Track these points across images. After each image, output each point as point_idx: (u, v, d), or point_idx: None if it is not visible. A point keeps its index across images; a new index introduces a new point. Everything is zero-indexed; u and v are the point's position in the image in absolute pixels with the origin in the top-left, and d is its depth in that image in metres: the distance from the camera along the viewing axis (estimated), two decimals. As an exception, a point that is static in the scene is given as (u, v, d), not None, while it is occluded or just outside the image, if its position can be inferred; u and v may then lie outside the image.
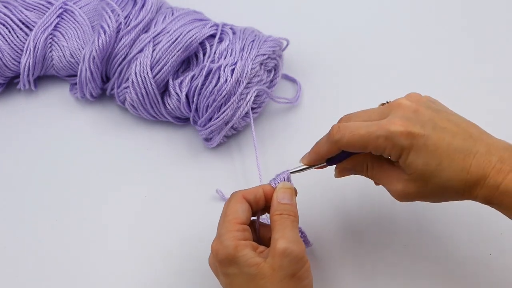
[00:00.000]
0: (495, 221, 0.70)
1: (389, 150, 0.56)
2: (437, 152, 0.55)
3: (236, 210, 0.58)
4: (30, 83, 0.80)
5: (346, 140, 0.57)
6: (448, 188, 0.55)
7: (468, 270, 0.67)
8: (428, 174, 0.55)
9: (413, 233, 0.69)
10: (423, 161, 0.55)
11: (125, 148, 0.78)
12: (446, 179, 0.55)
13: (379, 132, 0.56)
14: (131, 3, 0.78)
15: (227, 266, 0.56)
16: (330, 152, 0.60)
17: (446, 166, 0.55)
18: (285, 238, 0.56)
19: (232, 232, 0.57)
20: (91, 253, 0.70)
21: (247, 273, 0.55)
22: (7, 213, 0.73)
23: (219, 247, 0.57)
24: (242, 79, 0.72)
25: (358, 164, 0.61)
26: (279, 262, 0.55)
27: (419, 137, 0.55)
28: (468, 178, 0.54)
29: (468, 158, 0.54)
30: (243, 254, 0.56)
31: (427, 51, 0.84)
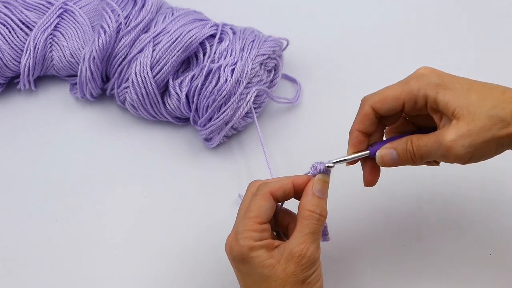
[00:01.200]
0: (495, 221, 0.70)
1: (423, 90, 0.54)
2: (474, 89, 0.53)
3: (259, 207, 0.56)
4: (30, 83, 0.80)
5: (378, 96, 0.56)
6: (496, 117, 0.52)
7: (468, 270, 0.67)
8: (472, 106, 0.52)
9: (413, 233, 0.69)
10: (463, 94, 0.53)
11: (125, 148, 0.78)
12: (491, 107, 0.52)
13: (408, 78, 0.55)
14: (131, 3, 0.78)
15: (239, 263, 0.55)
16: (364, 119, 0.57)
17: (486, 97, 0.53)
18: (306, 243, 0.54)
19: (250, 232, 0.55)
20: (91, 252, 0.70)
21: (260, 274, 0.54)
22: (7, 213, 0.73)
23: (233, 244, 0.55)
24: (242, 79, 0.72)
25: (401, 143, 0.56)
26: (293, 268, 0.54)
27: (450, 77, 0.54)
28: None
29: (508, 93, 0.53)
30: (257, 255, 0.54)
31: (427, 51, 0.84)
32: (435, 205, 0.71)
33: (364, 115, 0.57)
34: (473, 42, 0.85)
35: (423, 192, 0.72)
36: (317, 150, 0.76)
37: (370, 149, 0.58)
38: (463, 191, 0.72)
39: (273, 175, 0.68)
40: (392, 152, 0.57)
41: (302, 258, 0.54)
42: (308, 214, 0.55)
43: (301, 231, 0.55)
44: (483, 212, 0.70)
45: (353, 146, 0.58)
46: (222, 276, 0.68)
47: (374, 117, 0.57)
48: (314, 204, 0.56)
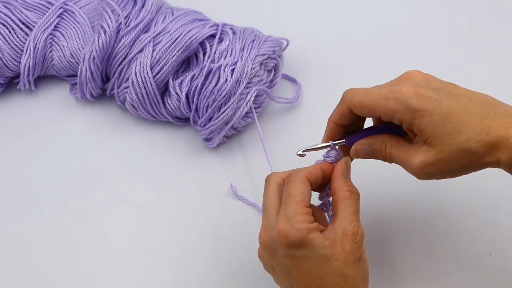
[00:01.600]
0: (495, 221, 0.70)
1: (400, 114, 0.54)
2: (452, 115, 0.53)
3: (302, 192, 0.56)
4: (30, 83, 0.80)
5: (357, 99, 0.57)
6: (468, 151, 0.52)
7: (468, 270, 0.67)
8: (445, 137, 0.53)
9: (412, 233, 0.69)
10: (439, 124, 0.53)
11: (125, 148, 0.78)
12: (465, 140, 0.52)
13: (390, 95, 0.55)
14: (131, 3, 0.78)
15: (296, 248, 0.54)
16: (341, 115, 0.59)
17: (463, 128, 0.52)
18: (355, 220, 0.56)
19: (303, 216, 0.55)
20: (91, 252, 0.70)
21: (320, 255, 0.54)
22: (7, 213, 0.73)
23: (290, 229, 0.54)
24: (242, 79, 0.72)
25: (376, 142, 0.58)
26: (350, 245, 0.55)
27: (432, 100, 0.53)
28: (488, 139, 0.52)
29: (486, 120, 0.52)
30: (316, 237, 0.54)
31: (428, 51, 0.84)
32: (435, 205, 0.71)
33: (342, 112, 0.59)
34: (473, 42, 0.85)
35: (423, 192, 0.72)
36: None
37: (346, 139, 0.60)
38: (463, 191, 0.72)
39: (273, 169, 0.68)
40: (367, 149, 0.59)
41: (356, 235, 0.55)
42: (348, 194, 0.57)
43: (347, 211, 0.56)
44: (483, 212, 0.70)
45: (327, 137, 0.61)
46: (222, 276, 0.68)
47: (351, 115, 0.59)
48: (350, 184, 0.58)
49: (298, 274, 0.55)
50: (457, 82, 0.81)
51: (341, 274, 0.54)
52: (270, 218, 0.57)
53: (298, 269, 0.55)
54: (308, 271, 0.55)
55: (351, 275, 0.55)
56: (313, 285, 0.55)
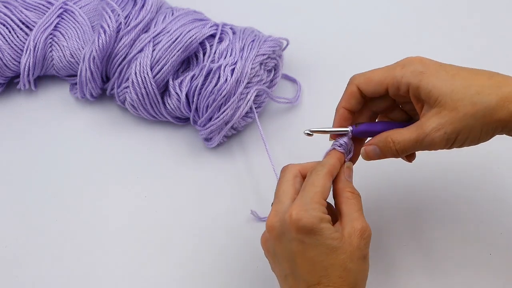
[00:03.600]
0: (495, 221, 0.70)
1: (406, 78, 0.54)
2: (459, 75, 0.53)
3: (323, 185, 0.56)
4: (30, 83, 0.80)
5: (364, 76, 0.58)
6: (480, 104, 0.52)
7: (468, 270, 0.67)
8: (455, 93, 0.52)
9: (412, 233, 0.69)
10: (447, 81, 0.53)
11: (125, 148, 0.78)
12: (475, 92, 0.52)
13: (394, 65, 0.56)
14: (131, 3, 0.78)
15: (306, 234, 0.54)
16: (350, 97, 0.59)
17: (472, 83, 0.52)
18: (362, 218, 0.56)
19: (318, 204, 0.55)
20: (91, 252, 0.70)
21: (328, 246, 0.54)
22: (7, 213, 0.73)
23: (303, 214, 0.54)
24: (242, 79, 0.72)
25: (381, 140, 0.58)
26: (357, 242, 0.55)
27: (436, 65, 0.54)
28: (499, 92, 0.52)
29: (495, 77, 0.53)
30: (327, 227, 0.54)
31: (428, 51, 0.84)
32: (435, 205, 0.71)
33: (350, 93, 0.59)
34: (473, 41, 0.85)
35: (423, 192, 0.72)
36: (316, 149, 0.76)
37: (354, 127, 0.60)
38: (463, 191, 0.72)
39: (276, 172, 0.68)
40: (375, 148, 0.58)
41: (364, 231, 0.55)
42: (350, 195, 0.57)
43: (352, 209, 0.57)
44: (483, 212, 0.70)
45: (337, 122, 0.61)
46: (222, 275, 0.68)
47: (359, 96, 0.59)
48: (351, 186, 0.59)
49: (302, 261, 0.55)
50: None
51: (345, 267, 0.54)
52: (283, 205, 0.56)
53: (304, 256, 0.54)
54: (313, 259, 0.54)
55: (354, 271, 0.55)
56: (316, 274, 0.54)
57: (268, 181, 0.70)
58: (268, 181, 0.70)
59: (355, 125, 0.60)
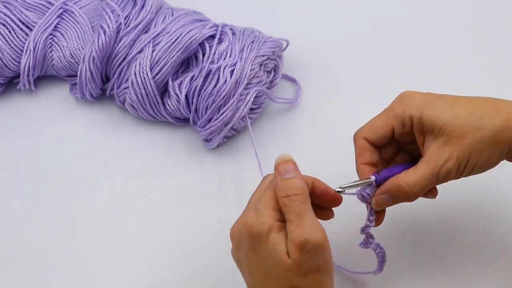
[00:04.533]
0: (495, 221, 0.70)
1: (408, 111, 0.54)
2: (459, 103, 0.53)
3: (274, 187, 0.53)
4: (30, 83, 0.80)
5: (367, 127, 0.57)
6: (485, 128, 0.52)
7: (468, 270, 0.67)
8: (459, 119, 0.53)
9: (412, 233, 0.69)
10: (447, 110, 0.53)
11: (125, 148, 0.78)
12: (478, 117, 0.52)
13: (392, 104, 0.56)
14: (131, 4, 0.78)
15: (257, 242, 0.51)
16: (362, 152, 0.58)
17: (473, 108, 0.53)
18: (300, 228, 0.50)
19: (271, 211, 0.52)
20: (91, 252, 0.70)
21: (273, 258, 0.51)
22: (7, 213, 0.74)
23: (254, 221, 0.51)
24: (241, 80, 0.72)
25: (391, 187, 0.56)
26: (300, 258, 0.50)
27: (432, 95, 0.54)
28: (502, 114, 0.52)
29: (492, 102, 0.53)
30: (274, 237, 0.51)
31: (428, 51, 0.84)
32: (434, 205, 0.71)
33: (360, 148, 0.58)
34: (473, 40, 0.85)
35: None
36: (316, 149, 0.76)
37: (376, 176, 0.58)
38: (463, 191, 0.72)
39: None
40: (387, 197, 0.57)
41: (304, 245, 0.50)
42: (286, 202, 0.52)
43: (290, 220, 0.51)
44: (483, 212, 0.70)
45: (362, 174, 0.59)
46: (222, 275, 0.68)
47: (370, 147, 0.58)
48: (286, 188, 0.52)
49: (258, 271, 0.52)
50: (459, 82, 0.81)
51: (291, 285, 0.51)
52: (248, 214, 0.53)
53: (258, 266, 0.52)
54: (266, 270, 0.52)
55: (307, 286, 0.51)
56: (269, 285, 0.52)
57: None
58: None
59: (376, 173, 0.59)
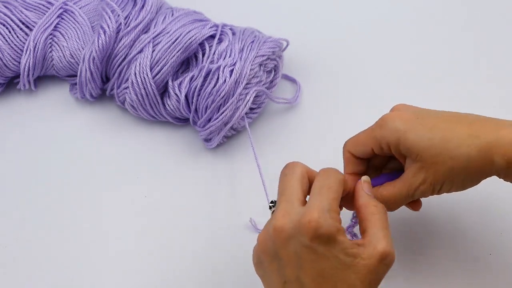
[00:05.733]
0: (495, 221, 0.70)
1: (386, 138, 0.55)
2: (437, 127, 0.53)
3: (339, 190, 0.54)
4: (30, 83, 0.80)
5: (351, 141, 0.59)
6: (462, 157, 0.52)
7: (468, 270, 0.67)
8: (434, 148, 0.53)
9: (412, 233, 0.69)
10: (425, 137, 0.53)
11: (125, 148, 0.78)
12: (455, 146, 0.52)
13: (374, 126, 0.57)
14: (131, 4, 0.78)
15: (321, 243, 0.50)
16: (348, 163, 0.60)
17: (451, 135, 0.52)
18: (386, 239, 0.51)
19: (337, 214, 0.52)
20: (91, 252, 0.70)
21: (341, 260, 0.50)
22: (7, 213, 0.74)
23: (323, 222, 0.50)
24: (241, 80, 0.72)
25: None
26: (375, 266, 0.51)
27: (412, 120, 0.54)
28: (480, 142, 0.52)
29: (473, 126, 0.53)
30: (344, 240, 0.51)
31: (428, 51, 0.84)
32: (434, 205, 0.71)
33: (346, 159, 0.60)
34: (473, 39, 0.85)
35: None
36: (316, 150, 0.76)
37: None
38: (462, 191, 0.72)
39: (265, 184, 0.69)
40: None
41: (386, 256, 0.51)
42: (375, 209, 0.54)
43: (377, 227, 0.53)
44: (483, 212, 0.70)
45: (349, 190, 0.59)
46: (222, 275, 0.68)
47: (355, 160, 0.60)
48: (374, 200, 0.55)
49: (311, 270, 0.51)
50: (458, 82, 0.81)
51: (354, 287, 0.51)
52: (293, 205, 0.52)
53: (314, 265, 0.51)
54: (323, 271, 0.51)
55: None
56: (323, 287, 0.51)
57: (268, 181, 0.70)
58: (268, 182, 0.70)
59: None
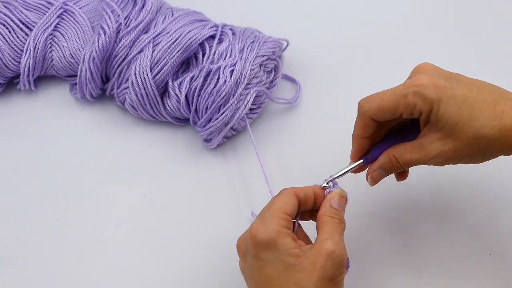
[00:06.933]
0: (495, 221, 0.70)
1: (419, 106, 0.55)
2: (466, 103, 0.54)
3: (284, 202, 0.56)
4: (30, 83, 0.80)
5: (375, 106, 0.57)
6: (484, 137, 0.54)
7: (468, 270, 0.67)
8: (461, 124, 0.54)
9: (412, 233, 0.69)
10: (455, 111, 0.54)
11: (125, 148, 0.78)
12: (480, 126, 0.54)
13: (406, 90, 0.56)
14: (131, 4, 0.78)
15: (263, 250, 0.54)
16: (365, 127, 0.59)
17: (477, 115, 0.54)
18: (334, 240, 0.54)
19: (277, 219, 0.55)
20: (91, 252, 0.70)
21: (285, 262, 0.53)
22: (7, 213, 0.74)
23: (260, 228, 0.54)
24: (241, 80, 0.72)
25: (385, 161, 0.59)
26: (323, 262, 0.53)
27: (446, 88, 0.54)
28: (502, 124, 0.53)
29: (498, 106, 0.54)
30: (285, 242, 0.54)
31: (427, 50, 0.84)
32: (435, 205, 0.71)
33: (365, 124, 0.59)
34: (472, 38, 0.85)
35: (423, 192, 0.72)
36: (316, 150, 0.76)
37: (364, 160, 0.61)
38: (463, 191, 0.72)
39: (268, 180, 0.69)
40: (381, 172, 0.60)
41: (332, 252, 0.53)
42: (328, 219, 0.57)
43: (326, 231, 0.55)
44: (483, 212, 0.70)
45: (356, 153, 0.61)
46: (222, 275, 0.68)
47: (374, 125, 0.59)
48: (332, 211, 0.57)
49: (260, 278, 0.54)
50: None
51: (300, 286, 0.53)
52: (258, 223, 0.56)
53: (261, 272, 0.54)
54: (270, 276, 0.54)
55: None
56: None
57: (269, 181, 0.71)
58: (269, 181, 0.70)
59: (365, 157, 0.61)
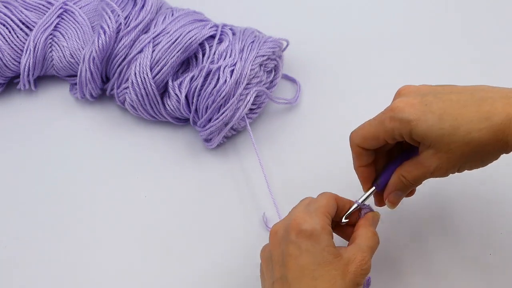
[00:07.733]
0: (495, 221, 0.70)
1: (398, 130, 0.55)
2: (446, 114, 0.53)
3: (328, 203, 0.58)
4: (30, 83, 0.80)
5: (360, 136, 0.58)
6: (473, 142, 0.53)
7: (468, 270, 0.67)
8: (447, 136, 0.53)
9: (413, 233, 0.69)
10: (436, 125, 0.53)
11: (125, 148, 0.78)
12: (465, 133, 0.52)
13: (383, 116, 0.56)
14: (131, 4, 0.78)
15: (305, 239, 0.55)
16: (360, 156, 0.60)
17: (461, 122, 0.53)
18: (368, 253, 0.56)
19: (322, 215, 0.56)
20: (91, 252, 0.70)
21: (324, 256, 0.54)
22: (7, 213, 0.74)
23: (307, 218, 0.55)
24: (241, 80, 0.72)
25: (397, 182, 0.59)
26: (354, 269, 0.55)
27: (422, 106, 0.54)
28: (490, 125, 0.52)
29: (482, 107, 0.53)
30: (328, 238, 0.55)
31: (427, 50, 0.84)
32: (435, 205, 0.71)
33: (357, 153, 0.60)
34: (474, 41, 0.85)
35: (423, 192, 0.72)
36: (316, 150, 0.76)
37: (376, 186, 0.61)
38: (463, 191, 0.72)
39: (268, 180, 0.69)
40: (397, 193, 0.60)
41: (364, 264, 0.55)
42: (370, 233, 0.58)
43: (364, 240, 0.57)
44: (483, 212, 0.70)
45: (365, 182, 0.62)
46: (222, 275, 0.68)
47: (367, 152, 0.60)
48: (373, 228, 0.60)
49: (294, 266, 0.55)
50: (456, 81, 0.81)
51: (334, 283, 0.54)
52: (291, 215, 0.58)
53: (297, 261, 0.55)
54: (305, 266, 0.54)
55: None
56: (304, 282, 0.54)
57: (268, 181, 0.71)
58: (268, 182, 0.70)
59: (376, 184, 0.61)
